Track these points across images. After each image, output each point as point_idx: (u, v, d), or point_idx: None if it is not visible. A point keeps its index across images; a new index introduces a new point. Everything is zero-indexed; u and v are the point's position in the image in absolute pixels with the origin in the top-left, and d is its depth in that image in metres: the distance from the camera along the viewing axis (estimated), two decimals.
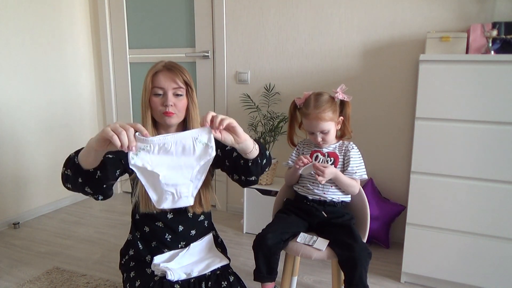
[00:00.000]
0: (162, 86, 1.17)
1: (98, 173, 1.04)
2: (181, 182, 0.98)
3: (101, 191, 1.09)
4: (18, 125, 2.50)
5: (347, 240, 1.31)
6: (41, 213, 2.69)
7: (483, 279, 1.65)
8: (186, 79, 1.20)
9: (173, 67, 1.20)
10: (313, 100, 1.45)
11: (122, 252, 1.37)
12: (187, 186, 0.99)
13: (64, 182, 1.08)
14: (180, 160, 0.96)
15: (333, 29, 2.25)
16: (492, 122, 1.54)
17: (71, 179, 1.05)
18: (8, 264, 1.98)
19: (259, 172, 1.18)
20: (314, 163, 1.41)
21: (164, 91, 1.17)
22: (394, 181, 2.24)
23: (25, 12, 2.47)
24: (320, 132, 1.45)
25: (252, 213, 2.35)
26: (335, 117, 1.46)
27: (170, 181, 0.96)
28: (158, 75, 1.18)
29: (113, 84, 3.02)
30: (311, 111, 1.43)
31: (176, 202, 0.99)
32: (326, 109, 1.42)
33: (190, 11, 2.65)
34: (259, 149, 1.12)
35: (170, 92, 1.17)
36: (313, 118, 1.42)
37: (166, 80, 1.17)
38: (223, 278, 1.23)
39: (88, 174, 1.03)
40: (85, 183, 1.05)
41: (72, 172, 1.03)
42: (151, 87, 1.18)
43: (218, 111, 2.62)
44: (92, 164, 1.01)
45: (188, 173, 0.98)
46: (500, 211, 1.58)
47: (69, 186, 1.08)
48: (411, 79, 2.11)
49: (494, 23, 1.68)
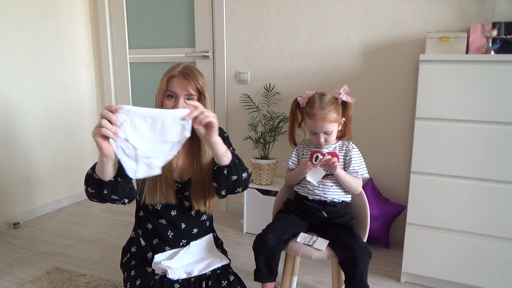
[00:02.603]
0: (174, 91, 1.20)
1: (119, 179, 1.09)
2: (154, 154, 1.05)
3: (125, 195, 1.15)
4: (18, 125, 2.50)
5: (347, 239, 1.31)
6: (41, 213, 2.69)
7: (483, 279, 1.65)
8: (199, 87, 1.21)
9: (188, 74, 1.20)
10: (318, 101, 1.44)
11: (125, 249, 1.39)
12: (158, 158, 1.06)
13: (90, 198, 1.14)
14: (157, 135, 1.04)
15: (333, 29, 2.25)
16: (492, 122, 1.54)
17: (95, 194, 1.11)
18: (8, 264, 1.98)
19: (227, 187, 1.20)
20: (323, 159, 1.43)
21: (176, 95, 1.20)
22: (394, 181, 2.24)
23: (25, 12, 2.47)
24: (324, 133, 1.45)
25: (252, 213, 2.35)
26: (339, 118, 1.46)
27: (145, 153, 1.04)
28: (173, 79, 1.20)
29: (113, 84, 3.02)
30: (316, 112, 1.42)
31: (149, 172, 1.06)
32: (332, 110, 1.42)
33: (190, 11, 2.65)
34: (231, 160, 1.17)
35: (182, 98, 1.20)
36: (319, 119, 1.42)
37: (180, 86, 1.19)
38: (223, 278, 1.24)
39: (111, 184, 1.09)
40: (111, 192, 1.10)
41: (95, 188, 1.10)
42: (165, 89, 1.20)
43: (218, 111, 2.62)
44: (111, 173, 1.07)
45: (161, 148, 1.06)
46: (500, 211, 1.59)
47: (95, 200, 1.14)
48: (411, 79, 2.12)
49: (494, 23, 1.68)
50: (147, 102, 2.94)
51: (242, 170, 1.20)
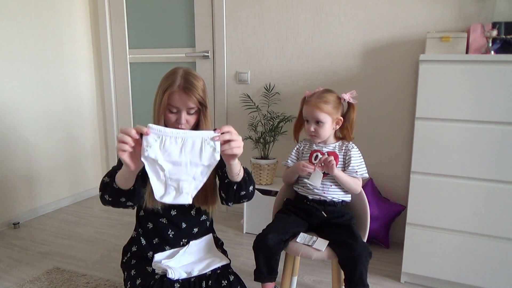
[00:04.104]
0: (176, 106, 1.20)
1: (136, 188, 1.13)
2: (184, 178, 1.02)
3: (139, 200, 1.19)
4: (18, 125, 2.50)
5: (347, 239, 1.32)
6: (41, 213, 2.69)
7: (483, 279, 1.65)
8: (200, 99, 1.21)
9: (189, 89, 1.19)
10: (320, 92, 1.51)
11: (125, 249, 1.40)
12: (189, 183, 1.02)
13: (104, 204, 1.18)
14: (187, 157, 1.00)
15: (333, 29, 2.25)
16: (492, 122, 1.54)
17: (112, 201, 1.15)
18: (8, 264, 1.98)
19: (235, 199, 1.24)
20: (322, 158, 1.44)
21: (178, 109, 1.21)
22: (394, 181, 2.24)
23: (25, 12, 2.47)
24: (315, 122, 1.47)
25: (252, 213, 2.35)
26: (334, 114, 1.47)
27: (174, 176, 1.01)
28: (174, 94, 1.20)
29: (113, 84, 3.02)
30: (313, 99, 1.48)
31: (177, 197, 1.02)
32: (328, 101, 1.46)
33: (190, 11, 2.65)
34: (242, 177, 1.19)
35: (184, 112, 1.21)
36: (312, 105, 1.47)
37: (181, 101, 1.19)
38: (223, 278, 1.24)
39: (130, 192, 1.12)
40: (127, 199, 1.14)
41: (113, 196, 1.13)
42: (167, 103, 1.21)
43: (218, 111, 2.63)
44: (131, 183, 1.10)
45: (192, 171, 1.02)
46: (500, 211, 1.59)
47: (109, 205, 1.17)
48: (411, 79, 2.12)
49: (494, 23, 1.69)
50: (147, 102, 2.95)
51: (250, 184, 1.23)
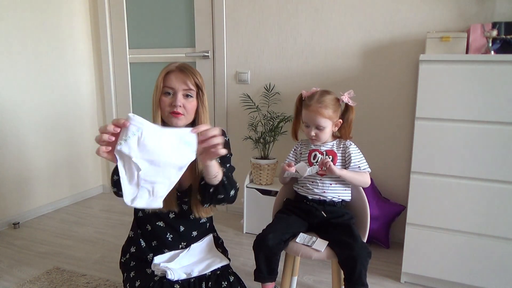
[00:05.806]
0: (172, 86, 1.18)
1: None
2: (159, 180, 0.94)
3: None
4: (18, 125, 2.50)
5: (347, 239, 1.32)
6: (41, 213, 2.69)
7: (483, 279, 1.65)
8: (197, 82, 1.20)
9: (186, 68, 1.20)
10: (318, 95, 1.48)
11: (124, 249, 1.38)
12: (164, 185, 0.95)
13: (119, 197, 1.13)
14: (163, 157, 0.92)
15: (333, 29, 2.25)
16: (492, 122, 1.54)
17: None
18: (8, 264, 1.98)
19: (211, 202, 1.19)
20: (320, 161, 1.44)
21: (174, 91, 1.18)
22: (394, 181, 2.24)
23: (25, 12, 2.47)
24: (316, 127, 1.46)
25: (252, 213, 2.35)
26: (334, 117, 1.47)
27: (150, 177, 0.92)
28: (170, 75, 1.19)
29: (113, 84, 3.02)
30: (312, 103, 1.45)
31: (150, 202, 0.94)
32: (328, 106, 1.44)
33: (190, 11, 2.65)
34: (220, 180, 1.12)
35: (180, 93, 1.18)
36: (313, 111, 1.44)
37: (177, 80, 1.18)
38: (223, 278, 1.23)
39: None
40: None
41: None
42: (162, 86, 1.18)
43: (218, 111, 2.63)
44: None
45: (168, 172, 0.94)
46: (500, 211, 1.58)
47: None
48: (411, 79, 2.11)
49: (494, 23, 1.68)
50: (147, 102, 2.94)
51: (230, 188, 1.17)
